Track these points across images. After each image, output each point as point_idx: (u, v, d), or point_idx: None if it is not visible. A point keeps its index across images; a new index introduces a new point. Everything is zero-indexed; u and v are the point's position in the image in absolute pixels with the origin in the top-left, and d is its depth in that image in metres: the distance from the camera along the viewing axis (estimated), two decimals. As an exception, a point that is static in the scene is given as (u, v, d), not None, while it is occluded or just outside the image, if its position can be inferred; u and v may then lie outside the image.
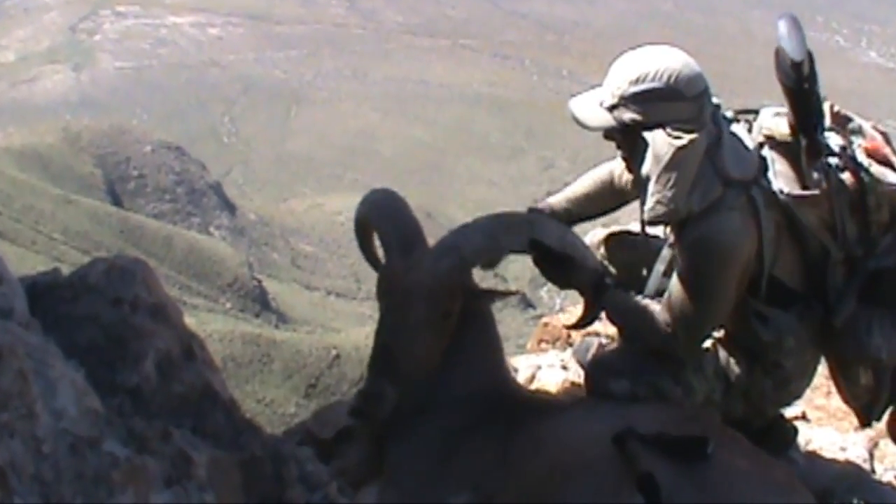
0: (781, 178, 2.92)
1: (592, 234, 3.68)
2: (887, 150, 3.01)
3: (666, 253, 3.31)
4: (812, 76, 2.89)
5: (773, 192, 2.90)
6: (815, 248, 2.98)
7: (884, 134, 3.07)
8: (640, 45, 3.05)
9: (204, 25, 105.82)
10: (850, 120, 3.07)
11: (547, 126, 77.84)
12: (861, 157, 2.95)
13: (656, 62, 2.89)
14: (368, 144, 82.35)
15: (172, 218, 57.40)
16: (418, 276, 2.90)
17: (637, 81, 2.89)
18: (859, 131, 3.05)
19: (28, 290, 2.29)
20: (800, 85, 2.87)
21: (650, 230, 3.19)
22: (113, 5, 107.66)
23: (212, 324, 37.96)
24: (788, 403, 3.40)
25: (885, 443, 4.07)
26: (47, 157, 56.06)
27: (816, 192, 2.90)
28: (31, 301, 2.25)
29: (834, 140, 2.96)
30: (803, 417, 4.35)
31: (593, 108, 3.02)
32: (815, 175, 2.90)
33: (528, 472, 2.41)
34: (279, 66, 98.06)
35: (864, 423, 3.32)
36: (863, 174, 2.92)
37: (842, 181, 2.91)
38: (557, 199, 3.63)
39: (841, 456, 4.06)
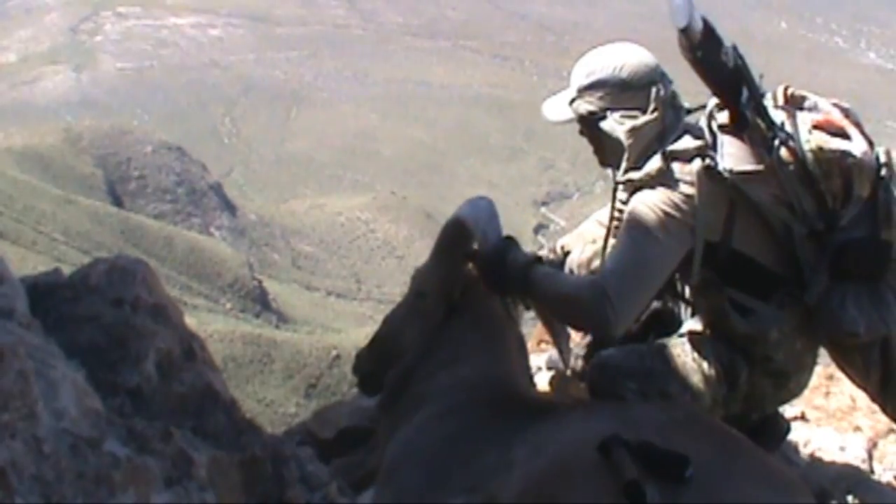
0: (730, 157, 2.92)
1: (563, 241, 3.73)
2: (844, 123, 2.96)
3: None
4: (711, 44, 2.88)
5: (719, 171, 2.90)
6: (778, 224, 2.96)
7: (845, 110, 3.03)
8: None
9: (205, 26, 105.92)
10: (805, 99, 3.06)
11: (547, 127, 77.12)
12: (802, 129, 2.92)
13: (609, 56, 3.08)
14: (369, 145, 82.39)
15: (173, 218, 57.44)
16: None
17: (589, 74, 3.08)
18: (815, 108, 3.03)
19: (29, 291, 2.29)
20: (692, 53, 2.87)
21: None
22: (114, 6, 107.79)
23: (212, 324, 37.98)
24: (788, 401, 3.38)
25: (884, 443, 4.08)
26: (48, 157, 56.09)
27: (760, 167, 2.90)
28: (32, 301, 2.25)
29: (778, 116, 2.96)
30: (802, 417, 4.34)
31: (558, 104, 3.21)
32: (759, 151, 2.91)
33: (528, 473, 2.40)
34: (280, 67, 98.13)
35: (892, 417, 3.29)
36: (799, 145, 2.88)
37: (782, 153, 2.89)
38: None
39: (840, 456, 4.06)
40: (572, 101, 3.13)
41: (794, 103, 3.03)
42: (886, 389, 3.14)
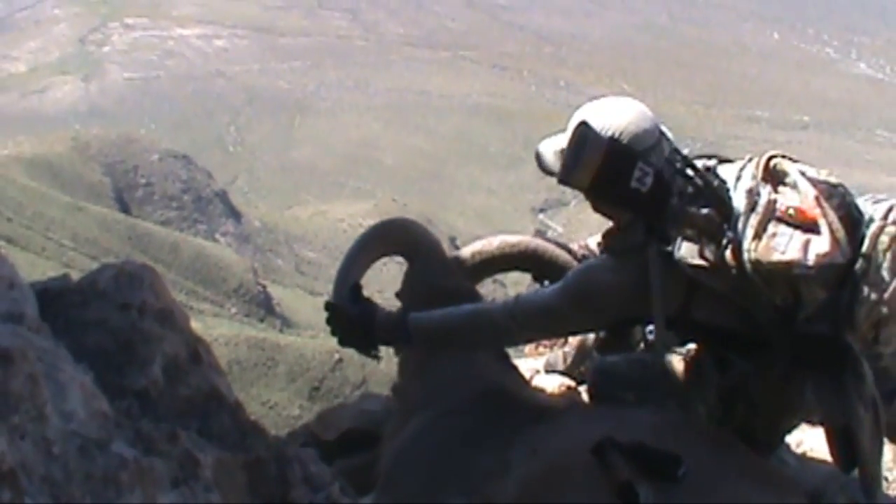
0: (686, 246, 2.76)
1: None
2: (816, 211, 2.66)
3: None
4: (611, 180, 2.77)
5: (673, 258, 2.78)
6: (737, 304, 2.82)
7: (831, 186, 2.74)
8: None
9: (210, 37, 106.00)
10: (786, 175, 2.77)
11: (545, 135, 76.77)
12: (747, 234, 2.66)
13: (606, 116, 2.89)
14: (370, 153, 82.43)
15: (179, 225, 57.38)
16: None
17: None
18: (794, 186, 2.74)
19: (39, 296, 2.29)
20: (592, 192, 2.86)
21: None
22: (121, 17, 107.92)
23: (218, 328, 37.91)
24: (781, 437, 3.26)
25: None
26: (57, 165, 56.07)
27: (704, 264, 2.73)
28: (41, 306, 2.25)
29: (740, 201, 2.73)
30: (795, 428, 4.33)
31: (556, 154, 3.09)
32: (706, 251, 2.72)
33: (525, 475, 2.40)
34: (283, 77, 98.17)
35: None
36: (741, 254, 2.66)
37: (725, 258, 2.69)
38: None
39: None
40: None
41: (774, 178, 2.77)
42: (848, 468, 2.88)
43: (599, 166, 2.73)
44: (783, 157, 2.81)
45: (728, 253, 2.66)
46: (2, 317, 2.02)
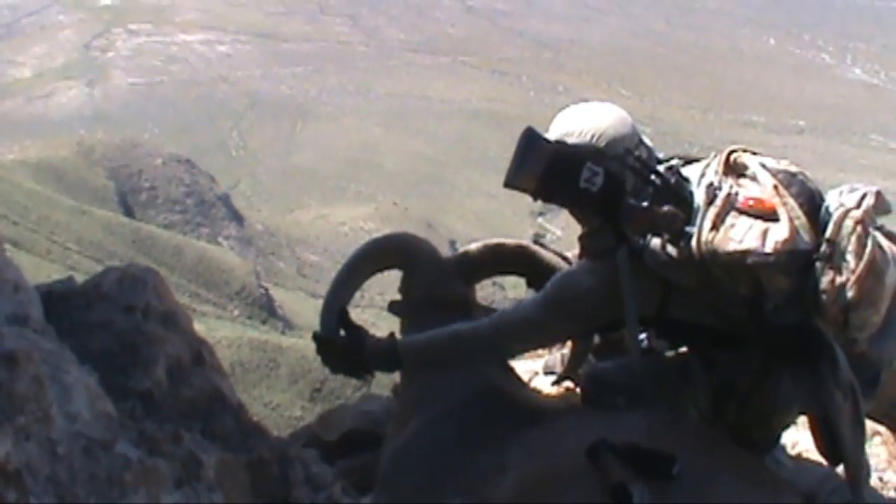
0: (654, 243, 2.78)
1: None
2: (775, 201, 2.68)
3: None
4: (559, 182, 2.81)
5: (643, 258, 2.81)
6: (709, 300, 2.83)
7: (790, 175, 2.74)
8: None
9: (213, 43, 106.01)
10: (746, 167, 2.79)
11: (543, 140, 77.51)
12: (705, 226, 2.66)
13: (585, 121, 2.95)
14: (371, 158, 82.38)
15: (182, 228, 57.37)
16: None
17: (564, 137, 2.95)
18: (754, 178, 2.75)
19: (44, 298, 2.30)
20: (537, 195, 2.88)
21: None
22: (125, 23, 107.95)
23: (220, 330, 37.91)
24: (777, 434, 3.19)
25: (869, 445, 4.06)
26: (62, 169, 56.08)
27: (669, 260, 2.75)
28: (46, 308, 2.25)
29: (700, 197, 2.74)
30: (788, 427, 4.32)
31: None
32: (668, 247, 2.74)
33: (521, 477, 2.40)
34: (285, 83, 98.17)
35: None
36: (698, 245, 2.66)
37: (689, 252, 2.69)
38: None
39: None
40: None
41: (735, 171, 2.80)
42: (834, 460, 2.89)
43: (544, 170, 2.78)
44: (744, 150, 2.83)
45: (693, 246, 2.66)
46: (7, 319, 2.02)
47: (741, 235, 2.62)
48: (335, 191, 76.52)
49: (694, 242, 2.66)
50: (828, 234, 2.63)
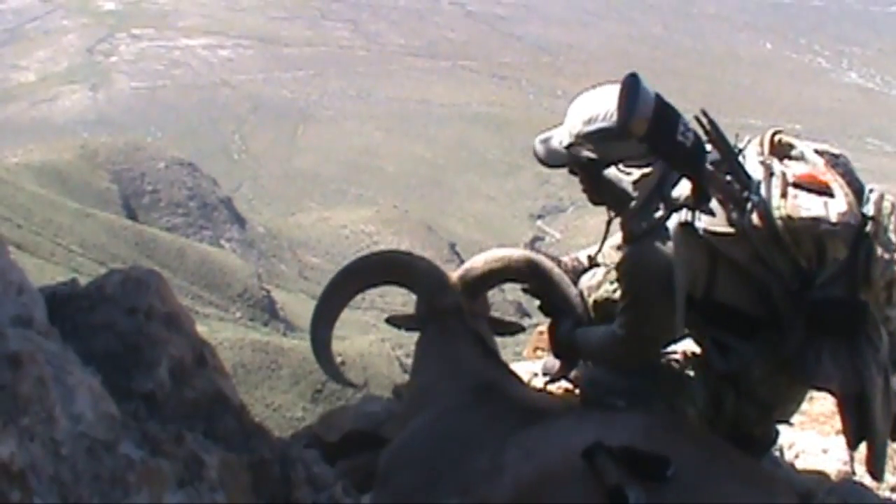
0: (707, 216, 2.82)
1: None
2: (827, 178, 2.79)
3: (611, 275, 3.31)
4: (662, 129, 2.73)
5: (695, 229, 2.83)
6: (754, 277, 2.85)
7: (834, 158, 2.87)
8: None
9: (215, 48, 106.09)
10: (791, 147, 2.91)
11: (542, 143, 77.57)
12: (774, 193, 2.73)
13: (609, 102, 2.89)
14: (372, 161, 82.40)
15: (185, 231, 57.38)
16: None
17: (590, 122, 2.93)
18: (801, 158, 2.88)
19: (47, 300, 2.29)
20: (642, 143, 2.79)
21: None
22: (128, 28, 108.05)
23: (223, 332, 37.91)
24: (776, 431, 3.27)
25: (864, 445, 4.06)
26: (66, 172, 56.08)
27: (731, 230, 2.78)
28: (50, 310, 2.25)
29: (757, 172, 2.81)
30: (787, 421, 4.33)
31: (554, 146, 3.08)
32: (731, 213, 2.78)
33: (518, 478, 2.40)
34: (287, 87, 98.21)
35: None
36: (768, 212, 2.72)
37: (752, 221, 2.74)
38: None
39: (823, 458, 4.06)
40: (570, 146, 3.02)
41: (780, 152, 2.89)
42: (857, 440, 2.94)
43: (653, 114, 2.70)
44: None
45: (755, 217, 2.72)
46: (11, 321, 2.02)
47: (808, 204, 2.70)
48: (336, 194, 76.51)
49: (756, 214, 2.72)
50: (870, 212, 2.75)
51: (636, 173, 2.89)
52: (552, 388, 4.05)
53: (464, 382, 3.06)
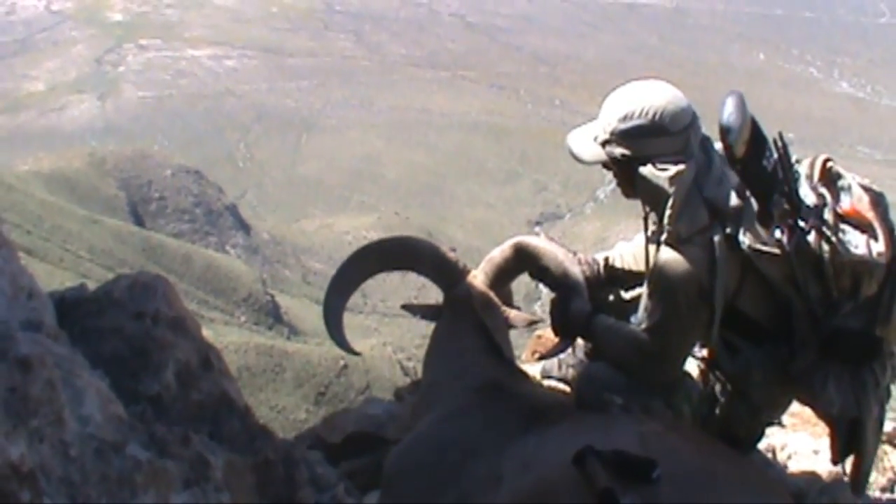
0: (751, 232, 2.81)
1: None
2: (871, 214, 2.81)
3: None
4: (755, 152, 2.78)
5: (738, 241, 2.82)
6: (780, 295, 2.87)
7: (877, 194, 2.88)
8: (626, 77, 3.03)
9: (221, 58, 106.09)
10: (840, 177, 2.90)
11: (540, 151, 77.90)
12: (827, 225, 2.77)
13: (643, 99, 2.88)
14: (374, 169, 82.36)
15: (191, 237, 57.35)
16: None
17: (625, 119, 2.89)
18: (847, 189, 2.88)
19: (57, 305, 2.30)
20: (734, 164, 2.81)
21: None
22: (136, 39, 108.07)
23: (228, 336, 37.88)
24: (761, 431, 3.28)
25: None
26: (74, 180, 56.09)
27: (775, 250, 2.78)
28: (59, 314, 2.25)
29: (810, 198, 2.82)
30: (779, 423, 4.33)
31: (587, 142, 3.03)
32: (778, 234, 2.78)
33: (515, 490, 2.39)
34: (291, 96, 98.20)
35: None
36: (824, 242, 2.75)
37: (803, 244, 2.76)
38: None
39: (814, 459, 4.05)
40: (605, 142, 2.98)
41: (829, 179, 2.89)
42: (843, 457, 3.03)
43: (750, 135, 2.76)
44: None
45: (814, 237, 2.75)
46: (22, 325, 2.02)
47: (855, 241, 2.76)
48: (339, 201, 76.47)
49: (809, 240, 2.75)
50: None
51: (672, 169, 2.84)
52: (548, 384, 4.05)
53: (466, 382, 3.05)
